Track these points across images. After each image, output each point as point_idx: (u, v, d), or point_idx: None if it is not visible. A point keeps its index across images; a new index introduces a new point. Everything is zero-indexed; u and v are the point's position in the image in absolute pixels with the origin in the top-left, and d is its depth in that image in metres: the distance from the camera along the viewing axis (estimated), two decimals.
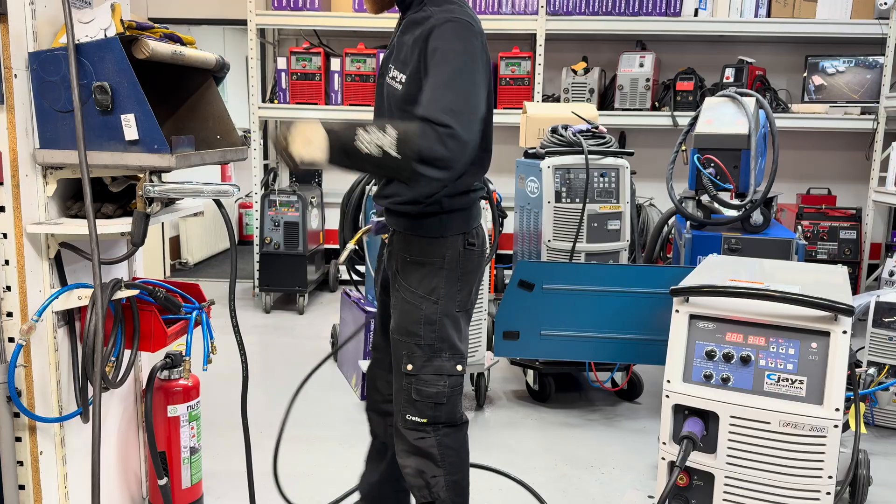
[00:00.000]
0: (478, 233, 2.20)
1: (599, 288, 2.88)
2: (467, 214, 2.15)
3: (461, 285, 2.14)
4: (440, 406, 2.13)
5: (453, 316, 2.14)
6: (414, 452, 2.16)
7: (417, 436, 2.14)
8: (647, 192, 5.59)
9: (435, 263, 2.11)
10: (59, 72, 1.98)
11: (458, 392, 2.18)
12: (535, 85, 5.71)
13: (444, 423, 2.14)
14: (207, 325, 2.44)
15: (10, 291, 2.05)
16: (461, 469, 2.20)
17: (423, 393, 2.12)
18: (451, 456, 2.16)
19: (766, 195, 3.30)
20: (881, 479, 3.02)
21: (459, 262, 2.12)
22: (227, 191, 2.20)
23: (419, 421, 2.13)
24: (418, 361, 2.12)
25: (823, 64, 5.64)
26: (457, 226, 2.12)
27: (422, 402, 2.12)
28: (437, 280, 2.11)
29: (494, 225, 3.74)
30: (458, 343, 2.16)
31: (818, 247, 5.57)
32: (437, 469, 2.14)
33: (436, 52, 1.87)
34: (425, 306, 2.11)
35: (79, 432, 2.27)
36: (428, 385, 2.12)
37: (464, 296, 2.16)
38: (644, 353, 2.88)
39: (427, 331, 2.11)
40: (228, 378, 3.16)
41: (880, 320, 3.48)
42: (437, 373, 2.12)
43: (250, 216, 8.13)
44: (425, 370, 2.12)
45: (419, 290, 2.12)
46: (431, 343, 2.11)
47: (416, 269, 2.12)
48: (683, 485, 2.10)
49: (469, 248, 2.14)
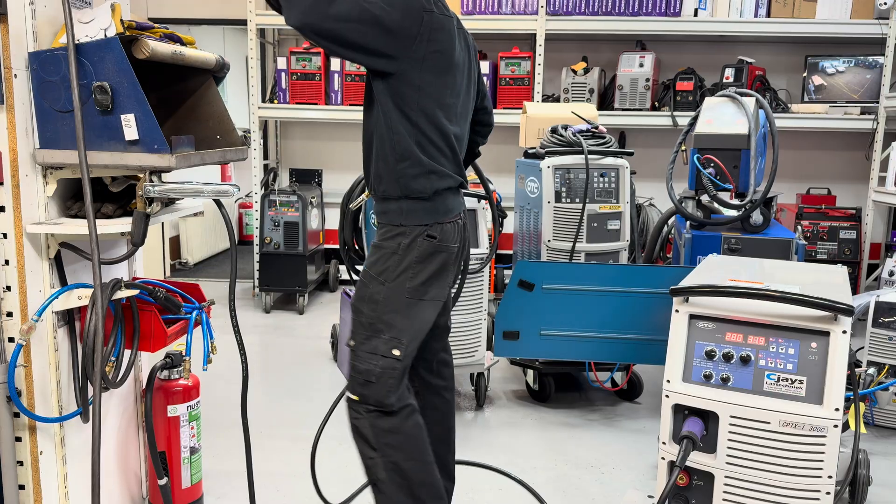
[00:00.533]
0: (444, 229, 2.28)
1: (599, 288, 2.89)
2: (431, 208, 2.25)
3: (414, 273, 2.23)
4: (369, 384, 2.20)
5: (402, 301, 2.23)
6: (353, 432, 2.27)
7: (353, 415, 2.25)
8: (647, 192, 5.59)
9: (390, 248, 2.24)
10: (59, 72, 1.98)
11: (391, 376, 2.22)
12: (535, 85, 5.71)
13: (374, 406, 2.21)
14: (207, 325, 2.44)
15: (10, 291, 2.05)
16: (404, 452, 2.24)
17: (356, 368, 2.23)
18: (386, 439, 2.22)
19: (765, 195, 3.30)
20: (881, 479, 3.02)
21: (413, 250, 2.23)
22: (227, 191, 2.20)
23: (353, 398, 2.24)
24: (358, 338, 2.25)
25: (823, 64, 5.65)
26: (418, 217, 2.23)
27: (354, 379, 2.24)
28: (388, 263, 2.23)
29: (494, 225, 3.74)
30: (402, 329, 2.23)
31: (818, 247, 5.57)
32: (373, 451, 2.22)
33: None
34: (373, 286, 2.24)
35: (79, 432, 2.27)
36: (361, 361, 2.23)
37: (417, 284, 2.24)
38: (644, 353, 2.88)
39: (369, 309, 2.23)
40: (228, 378, 3.16)
41: (880, 320, 3.48)
42: (372, 351, 2.21)
43: (250, 216, 8.13)
44: (362, 347, 2.23)
45: (371, 271, 2.26)
46: (372, 322, 2.22)
47: (375, 251, 2.28)
48: (683, 484, 2.10)
49: (427, 240, 2.24)
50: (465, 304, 3.62)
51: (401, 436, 2.24)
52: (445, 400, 2.57)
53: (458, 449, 3.29)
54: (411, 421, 2.26)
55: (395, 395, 2.22)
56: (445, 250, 2.29)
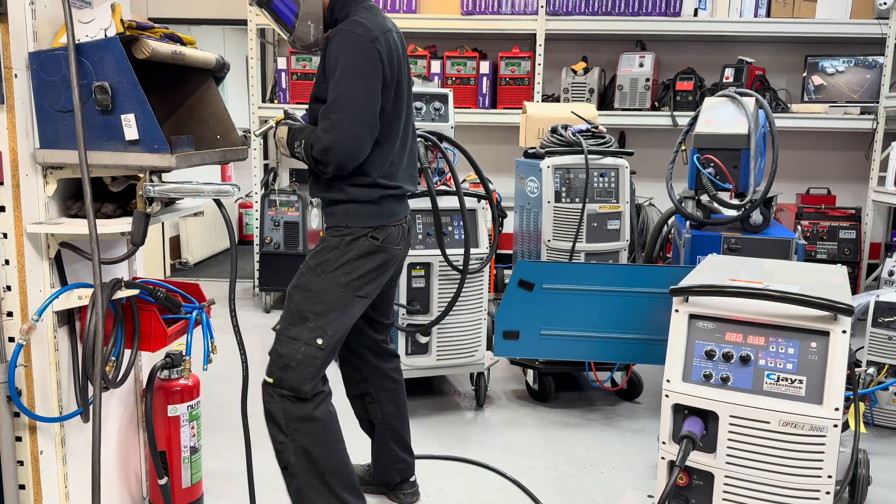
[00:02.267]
0: (388, 231, 2.40)
1: (599, 288, 2.88)
2: (376, 210, 2.37)
3: (351, 269, 2.33)
4: (288, 369, 2.29)
5: (334, 294, 2.33)
6: (265, 416, 2.35)
7: (267, 398, 2.33)
8: (647, 192, 5.59)
9: (332, 243, 2.36)
10: (60, 72, 1.98)
11: (311, 364, 2.30)
12: (535, 85, 5.71)
13: (288, 392, 2.29)
14: (207, 325, 2.45)
15: (10, 291, 2.06)
16: (313, 438, 2.32)
17: (276, 352, 2.32)
18: (297, 424, 2.30)
19: (765, 195, 3.30)
20: (881, 479, 3.02)
21: (354, 248, 2.33)
22: (227, 191, 2.20)
23: (268, 381, 2.32)
24: (284, 322, 2.34)
25: (823, 64, 5.65)
26: (363, 220, 2.36)
27: (272, 362, 2.32)
28: (327, 257, 2.34)
29: (494, 225, 3.74)
30: (329, 320, 2.32)
31: (818, 247, 5.57)
32: (284, 436, 2.31)
33: (325, 60, 2.29)
34: (308, 276, 2.35)
35: (79, 432, 2.27)
36: (283, 346, 2.31)
37: (353, 279, 2.34)
38: (644, 352, 2.88)
39: (300, 297, 2.33)
40: (228, 378, 3.16)
41: (880, 320, 3.48)
42: (295, 337, 2.31)
43: (250, 216, 8.13)
44: (286, 332, 2.33)
45: (311, 262, 2.38)
46: (300, 309, 2.32)
47: (318, 244, 2.40)
48: (683, 484, 2.10)
49: (371, 240, 2.35)
50: (465, 304, 3.62)
51: (312, 423, 2.32)
52: (395, 380, 2.79)
53: (459, 449, 3.31)
54: (323, 408, 2.36)
55: (310, 384, 2.31)
56: (387, 251, 2.41)
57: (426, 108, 3.89)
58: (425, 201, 3.44)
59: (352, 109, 2.22)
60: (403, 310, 3.53)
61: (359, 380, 2.75)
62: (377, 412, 2.77)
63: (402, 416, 2.81)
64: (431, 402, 3.85)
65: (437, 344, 3.62)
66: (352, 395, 2.80)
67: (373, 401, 2.76)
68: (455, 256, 3.50)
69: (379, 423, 2.78)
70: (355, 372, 2.75)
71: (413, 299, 3.55)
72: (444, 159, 3.45)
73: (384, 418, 2.77)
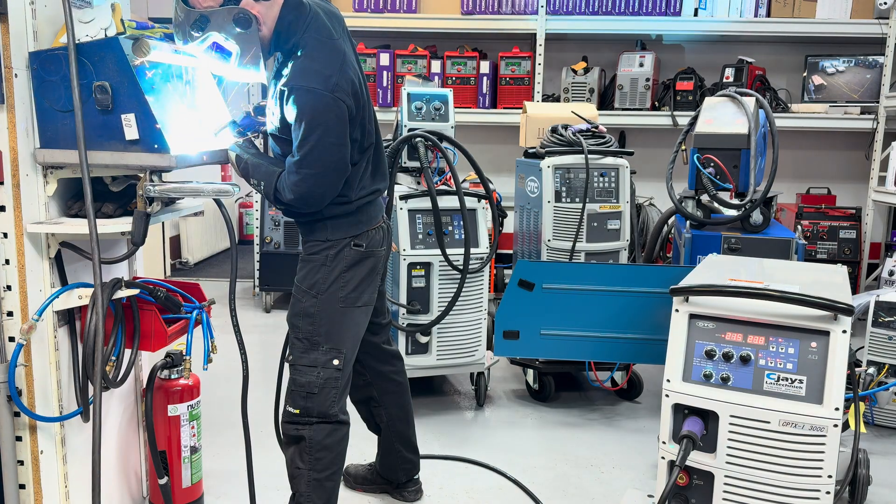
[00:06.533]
0: (370, 235, 2.35)
1: (599, 287, 2.88)
2: (354, 220, 2.32)
3: (344, 282, 2.29)
4: (311, 396, 2.26)
5: (336, 311, 2.29)
6: (288, 443, 2.32)
7: (292, 428, 2.29)
8: (647, 191, 5.59)
9: (318, 261, 2.29)
10: (60, 71, 1.98)
11: (333, 386, 2.28)
12: (535, 85, 5.71)
13: (316, 418, 2.26)
14: (208, 325, 2.45)
15: (10, 291, 2.06)
16: (329, 470, 2.30)
17: (297, 382, 2.28)
18: (319, 453, 2.28)
19: (765, 195, 3.30)
20: (881, 479, 3.02)
21: (341, 260, 2.28)
22: (227, 190, 2.20)
23: (293, 412, 2.28)
24: (297, 352, 2.30)
25: (823, 64, 5.65)
26: (343, 231, 2.30)
27: (295, 392, 2.28)
28: (318, 276, 2.28)
29: (494, 224, 3.74)
30: (340, 339, 2.29)
31: (818, 246, 5.57)
32: (303, 463, 2.28)
33: (290, 114, 2.15)
34: (305, 300, 2.29)
35: (79, 432, 2.27)
36: (301, 374, 2.27)
37: (349, 291, 2.30)
38: (644, 352, 2.87)
39: (305, 323, 2.28)
40: (228, 378, 3.16)
41: (880, 320, 3.48)
42: (312, 364, 2.27)
43: (251, 216, 8.13)
44: (301, 361, 2.28)
45: (302, 285, 2.31)
46: (308, 336, 2.28)
47: (304, 265, 2.33)
48: (683, 484, 2.10)
49: (354, 249, 2.31)
50: (465, 304, 3.62)
51: (332, 453, 2.31)
52: (398, 383, 2.78)
53: (459, 448, 3.31)
54: (345, 442, 2.36)
55: (337, 406, 2.30)
56: (373, 255, 2.37)
57: (426, 108, 3.89)
58: (425, 201, 3.45)
59: (322, 163, 2.13)
60: (404, 310, 3.53)
61: (362, 385, 2.73)
62: (382, 416, 2.76)
63: (407, 417, 2.80)
64: (432, 402, 3.85)
65: (438, 344, 3.62)
66: (356, 400, 2.78)
67: (378, 405, 2.75)
68: (455, 256, 3.50)
69: (385, 427, 2.77)
70: (357, 377, 2.70)
71: (413, 299, 3.55)
72: (444, 159, 3.45)
73: (389, 421, 2.76)
